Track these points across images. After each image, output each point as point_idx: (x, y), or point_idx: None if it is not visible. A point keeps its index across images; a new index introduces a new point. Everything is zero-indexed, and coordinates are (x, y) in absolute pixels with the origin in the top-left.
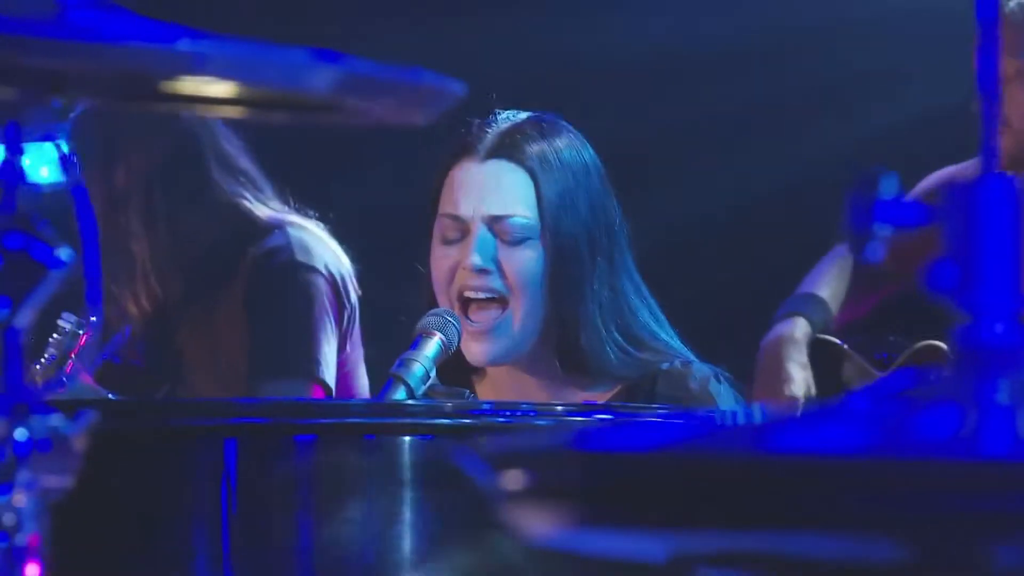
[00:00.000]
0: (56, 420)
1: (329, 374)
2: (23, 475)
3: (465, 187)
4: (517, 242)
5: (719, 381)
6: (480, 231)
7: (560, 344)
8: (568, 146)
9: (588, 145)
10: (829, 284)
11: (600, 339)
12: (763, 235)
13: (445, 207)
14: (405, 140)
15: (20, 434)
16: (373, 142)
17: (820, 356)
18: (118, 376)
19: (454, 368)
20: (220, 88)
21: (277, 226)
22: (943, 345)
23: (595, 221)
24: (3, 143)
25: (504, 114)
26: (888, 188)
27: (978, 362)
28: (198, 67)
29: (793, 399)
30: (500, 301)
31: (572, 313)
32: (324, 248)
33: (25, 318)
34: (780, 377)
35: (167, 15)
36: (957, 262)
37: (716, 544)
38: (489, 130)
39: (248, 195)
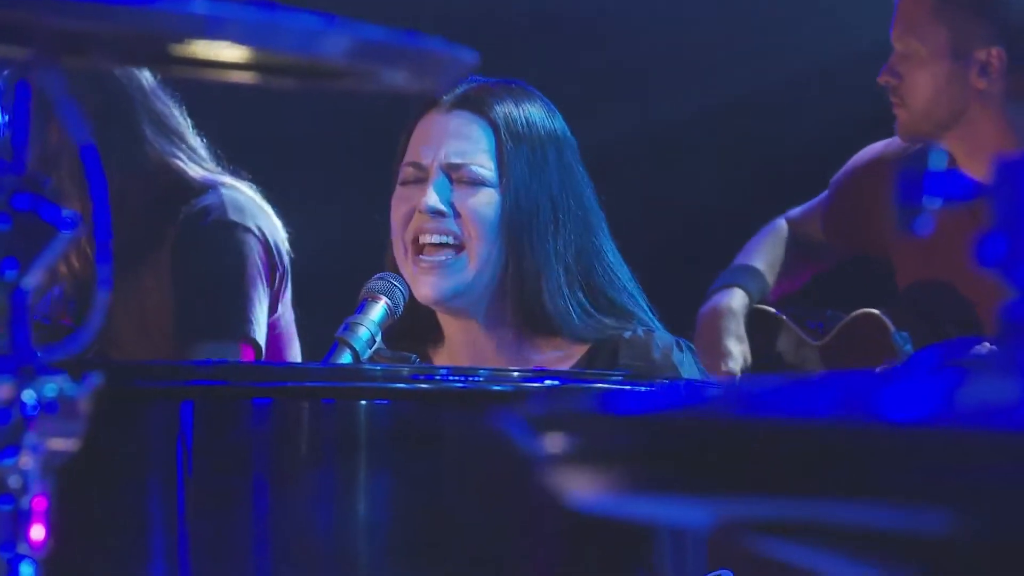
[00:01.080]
0: (62, 382)
1: (260, 334)
2: (29, 438)
3: (427, 136)
4: (473, 186)
5: (681, 350)
6: (438, 176)
7: (522, 302)
8: (538, 110)
9: (559, 116)
10: (765, 256)
11: (564, 298)
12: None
13: (408, 156)
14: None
15: (27, 396)
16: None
17: (756, 325)
18: (47, 337)
19: (411, 335)
20: (232, 52)
21: (210, 186)
22: (879, 313)
23: (563, 187)
24: (13, 104)
25: (477, 77)
26: (937, 161)
27: None
28: (211, 31)
29: (730, 374)
30: (455, 247)
31: (533, 270)
32: (257, 209)
33: (33, 279)
34: (718, 351)
35: None
36: (1005, 236)
37: (765, 511)
38: (459, 86)
39: (181, 155)
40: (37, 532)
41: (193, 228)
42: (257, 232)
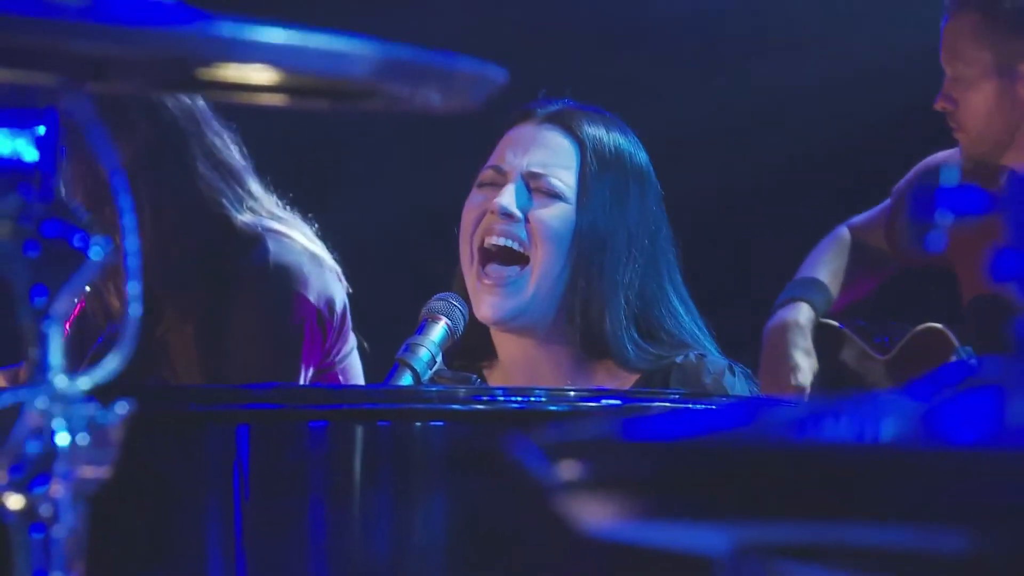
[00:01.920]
0: (93, 410)
1: None
2: (60, 466)
3: (513, 144)
4: (549, 197)
5: (733, 374)
6: (516, 181)
7: (584, 326)
8: (627, 143)
9: (644, 154)
10: (828, 267)
11: (623, 330)
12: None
13: (492, 160)
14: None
15: (57, 424)
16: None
17: (820, 339)
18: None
19: (465, 354)
20: (260, 75)
21: (257, 236)
22: (943, 328)
23: (641, 222)
24: (42, 130)
25: (570, 100)
26: (949, 178)
27: None
28: (238, 53)
29: (800, 388)
30: (519, 259)
31: (600, 296)
32: (306, 262)
33: (63, 307)
34: (786, 366)
35: (205, 0)
36: (1019, 251)
37: (781, 535)
38: (553, 103)
39: (230, 194)
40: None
41: (236, 291)
42: (305, 295)
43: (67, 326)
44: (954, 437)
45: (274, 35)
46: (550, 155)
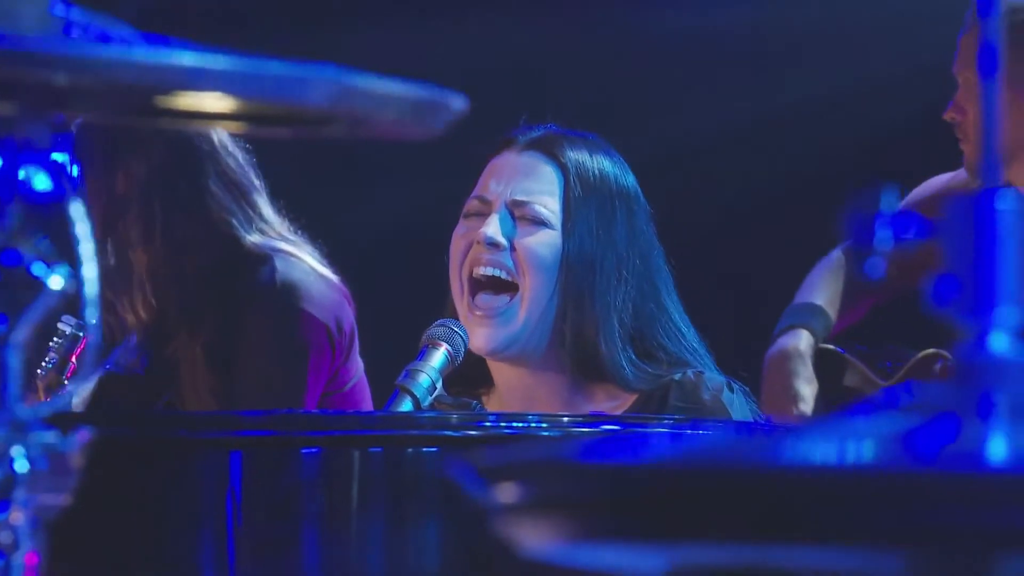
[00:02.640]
0: (52, 438)
1: None
2: (20, 493)
3: (497, 173)
4: (534, 224)
5: (732, 391)
6: (501, 210)
7: (577, 350)
8: (612, 165)
9: (632, 176)
10: (825, 291)
11: (619, 352)
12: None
13: (476, 190)
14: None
15: (17, 452)
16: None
17: (821, 365)
18: (120, 385)
19: (465, 380)
20: (218, 103)
21: (265, 257)
22: (947, 354)
23: (630, 245)
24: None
25: (553, 125)
26: (889, 202)
27: (979, 376)
28: (196, 81)
29: (802, 416)
30: (508, 287)
31: (592, 320)
32: (312, 282)
33: (22, 335)
34: (788, 395)
35: (163, 29)
36: (958, 276)
37: (717, 558)
38: (535, 129)
39: (240, 215)
40: None
41: (244, 314)
42: (313, 314)
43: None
44: (899, 461)
45: (231, 63)
46: (533, 182)
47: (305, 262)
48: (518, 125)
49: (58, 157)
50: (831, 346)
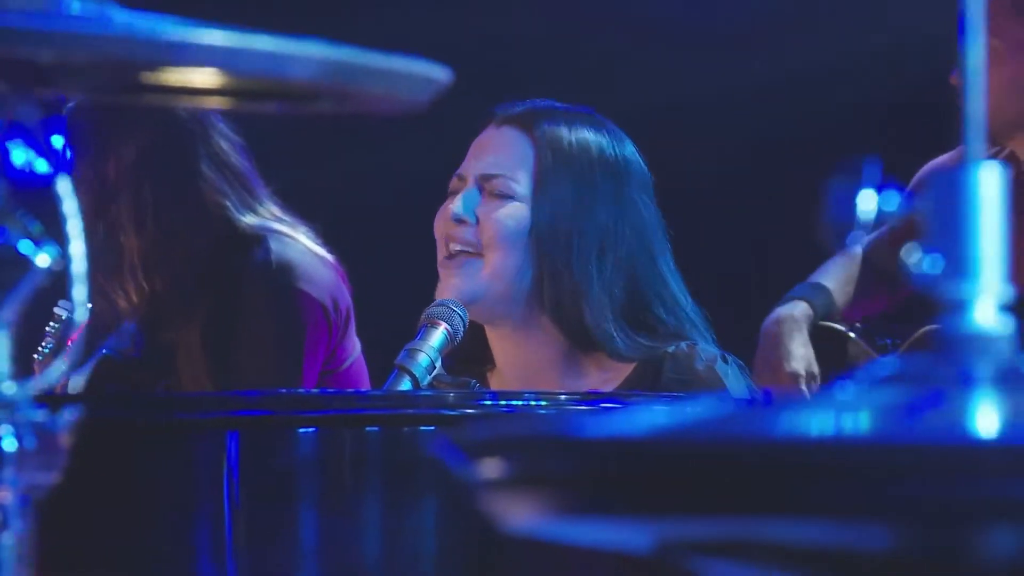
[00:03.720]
0: (41, 416)
1: None
2: (8, 472)
3: (475, 149)
4: (500, 198)
5: (726, 362)
6: (471, 187)
7: (562, 321)
8: (596, 136)
9: (629, 144)
10: (834, 274)
11: (608, 323)
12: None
13: (460, 168)
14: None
15: (5, 431)
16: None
17: (821, 341)
18: (117, 370)
19: (468, 357)
20: (204, 78)
21: (259, 237)
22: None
23: (618, 216)
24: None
25: (547, 100)
26: (871, 175)
27: (963, 349)
28: (181, 56)
29: (794, 375)
30: (474, 255)
31: (571, 290)
32: (309, 261)
33: (9, 314)
34: (779, 354)
35: (148, 4)
36: (941, 250)
37: (702, 532)
38: (519, 104)
39: (234, 196)
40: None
41: (240, 292)
42: (309, 292)
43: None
44: (882, 433)
45: (217, 37)
46: (504, 157)
47: (300, 242)
48: (509, 100)
49: (47, 136)
50: (832, 324)
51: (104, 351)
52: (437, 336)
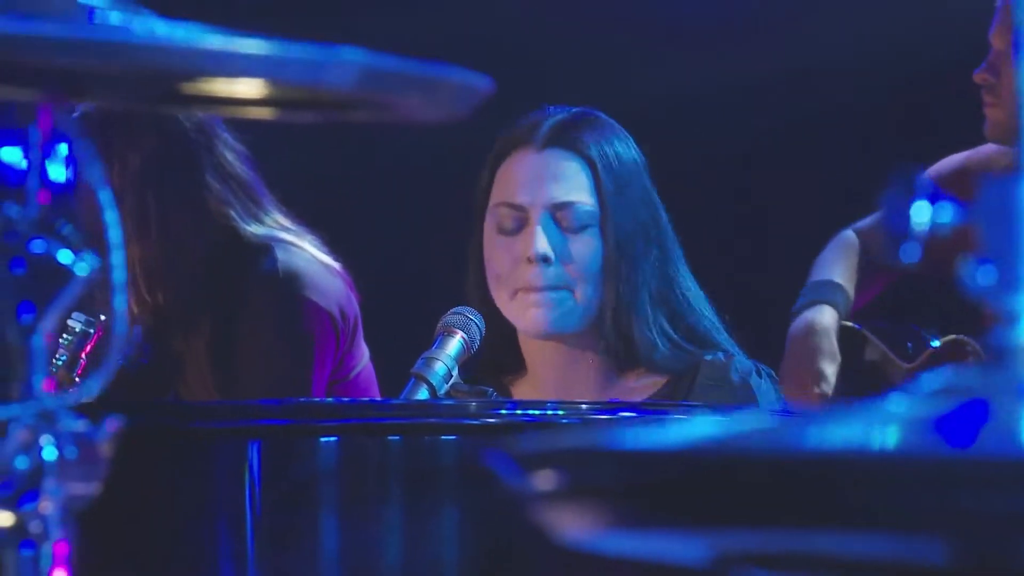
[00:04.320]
0: (82, 426)
1: None
2: (49, 483)
3: (523, 176)
4: (578, 230)
5: (760, 376)
6: (543, 218)
7: (613, 333)
8: (618, 139)
9: (632, 141)
10: (842, 269)
11: (650, 328)
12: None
13: (501, 196)
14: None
15: (46, 441)
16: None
17: (841, 342)
18: (125, 378)
19: (492, 366)
20: (244, 87)
21: (265, 246)
22: (970, 340)
23: (647, 213)
24: (26, 147)
25: (553, 107)
26: (923, 187)
27: (1015, 361)
28: (221, 65)
29: (823, 396)
30: (565, 288)
31: (627, 304)
32: (315, 270)
33: (50, 324)
34: (811, 372)
35: (186, 15)
36: (993, 262)
37: (758, 544)
38: (543, 121)
39: (239, 206)
40: None
41: (246, 301)
42: (316, 301)
43: (94, 340)
44: (935, 446)
45: (256, 46)
46: (567, 183)
47: (306, 251)
48: (523, 120)
49: (80, 145)
50: (851, 323)
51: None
52: (454, 345)
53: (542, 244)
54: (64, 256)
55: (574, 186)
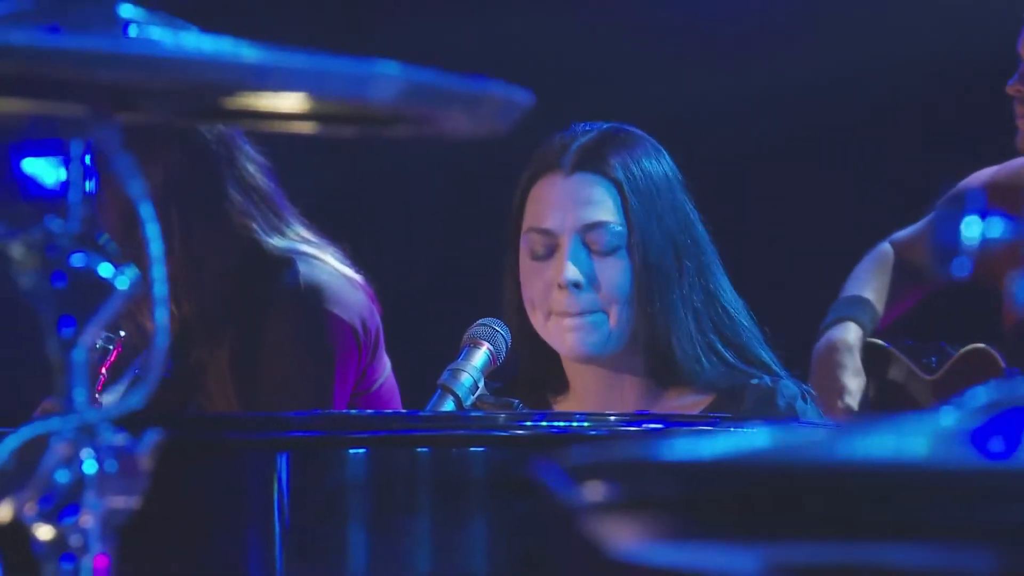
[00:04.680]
0: (122, 439)
1: None
2: (90, 496)
3: (552, 201)
4: (608, 253)
5: (805, 401)
6: (572, 244)
7: (653, 352)
8: (647, 155)
9: (664, 152)
10: (873, 284)
11: (694, 345)
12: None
13: (532, 221)
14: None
15: (86, 454)
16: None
17: (867, 359)
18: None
19: (534, 387)
20: (286, 102)
21: (287, 259)
22: (990, 349)
23: (680, 227)
24: (67, 161)
25: (582, 126)
26: (974, 203)
27: None
28: (263, 80)
29: (848, 410)
30: (597, 311)
31: (663, 322)
32: (337, 283)
33: (91, 337)
34: (836, 388)
35: (222, 30)
36: None
37: (810, 557)
38: (570, 144)
39: (261, 219)
40: None
41: (269, 315)
42: (339, 314)
43: (114, 356)
44: (986, 457)
45: (299, 61)
46: (595, 206)
47: (328, 263)
48: (551, 143)
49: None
50: (878, 340)
51: (135, 372)
52: (480, 356)
53: (572, 271)
54: (105, 270)
55: (602, 209)
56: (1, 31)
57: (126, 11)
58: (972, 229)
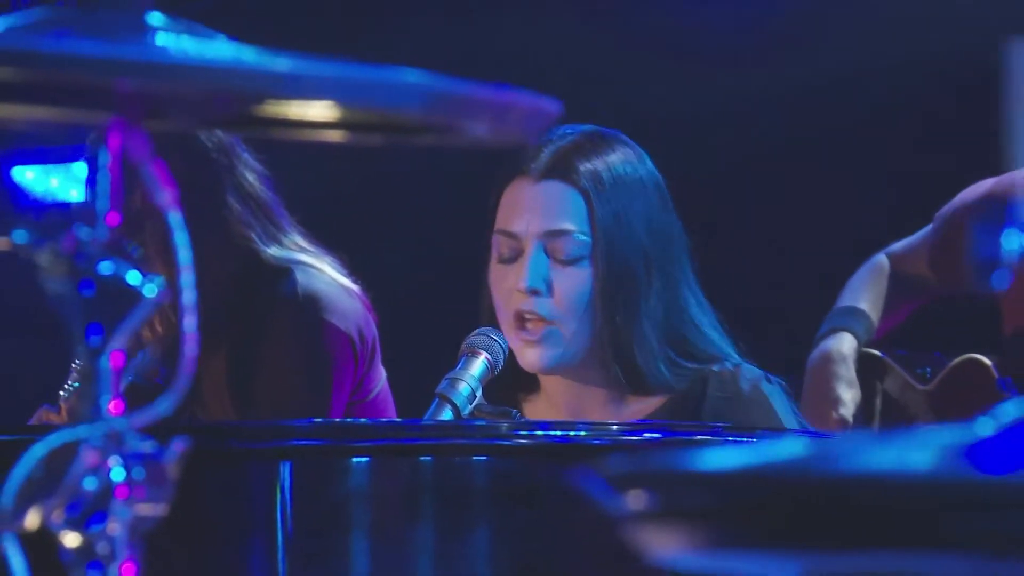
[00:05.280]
0: (149, 447)
1: None
2: (117, 504)
3: (519, 206)
4: (570, 262)
5: (770, 382)
6: (534, 250)
7: (616, 361)
8: (623, 161)
9: (647, 158)
10: (869, 295)
11: (654, 356)
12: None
13: (500, 224)
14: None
15: (114, 462)
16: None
17: (862, 369)
18: (143, 397)
19: (505, 387)
20: (314, 110)
21: (284, 269)
22: (984, 359)
23: (651, 237)
24: (95, 169)
25: (562, 129)
26: (1014, 215)
27: None
28: (291, 88)
29: (843, 422)
30: (551, 322)
31: (626, 333)
32: (334, 292)
33: (119, 345)
34: (830, 398)
35: (250, 38)
36: None
37: (850, 566)
38: (543, 149)
39: (259, 228)
40: None
41: (266, 324)
42: (336, 324)
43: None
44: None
45: (327, 69)
46: (560, 213)
47: (326, 273)
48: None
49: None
50: (872, 350)
51: (129, 378)
52: (478, 365)
53: (530, 277)
54: (133, 277)
55: (566, 218)
56: (30, 39)
57: (154, 19)
58: (1012, 241)
